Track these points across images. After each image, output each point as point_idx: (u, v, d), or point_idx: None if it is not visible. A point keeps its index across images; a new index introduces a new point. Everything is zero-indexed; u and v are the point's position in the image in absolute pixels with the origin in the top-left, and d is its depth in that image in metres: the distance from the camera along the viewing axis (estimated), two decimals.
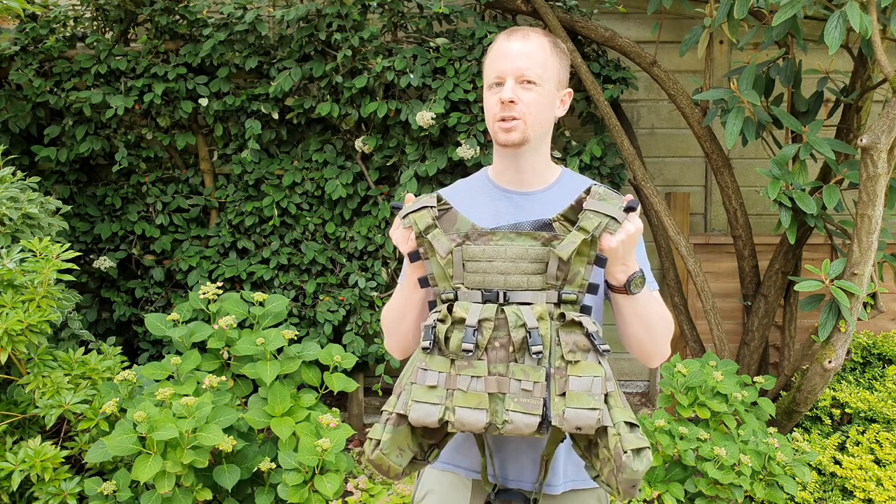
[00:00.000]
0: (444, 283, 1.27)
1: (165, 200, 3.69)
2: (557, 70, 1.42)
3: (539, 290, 1.23)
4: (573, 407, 1.13)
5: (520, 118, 1.37)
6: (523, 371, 1.17)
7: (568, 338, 1.18)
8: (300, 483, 2.29)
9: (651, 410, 3.73)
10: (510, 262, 1.24)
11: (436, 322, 1.23)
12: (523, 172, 1.46)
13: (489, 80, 1.42)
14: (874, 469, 2.83)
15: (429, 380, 1.20)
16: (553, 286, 1.22)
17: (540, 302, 1.22)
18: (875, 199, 2.52)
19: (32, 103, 3.54)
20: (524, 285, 1.23)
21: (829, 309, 2.66)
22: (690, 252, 3.18)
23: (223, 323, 2.53)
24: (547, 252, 1.23)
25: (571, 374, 1.16)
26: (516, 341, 1.18)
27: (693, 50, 2.99)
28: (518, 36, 1.41)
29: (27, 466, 2.26)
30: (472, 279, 1.25)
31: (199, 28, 3.54)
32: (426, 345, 1.21)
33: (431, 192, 3.49)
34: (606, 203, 1.22)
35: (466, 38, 3.48)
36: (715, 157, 3.17)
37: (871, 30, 2.31)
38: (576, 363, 1.17)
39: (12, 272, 2.39)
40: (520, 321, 1.19)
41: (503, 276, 1.23)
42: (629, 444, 1.12)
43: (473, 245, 1.25)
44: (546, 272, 1.23)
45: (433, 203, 1.28)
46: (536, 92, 1.38)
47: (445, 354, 1.21)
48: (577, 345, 1.18)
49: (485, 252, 1.24)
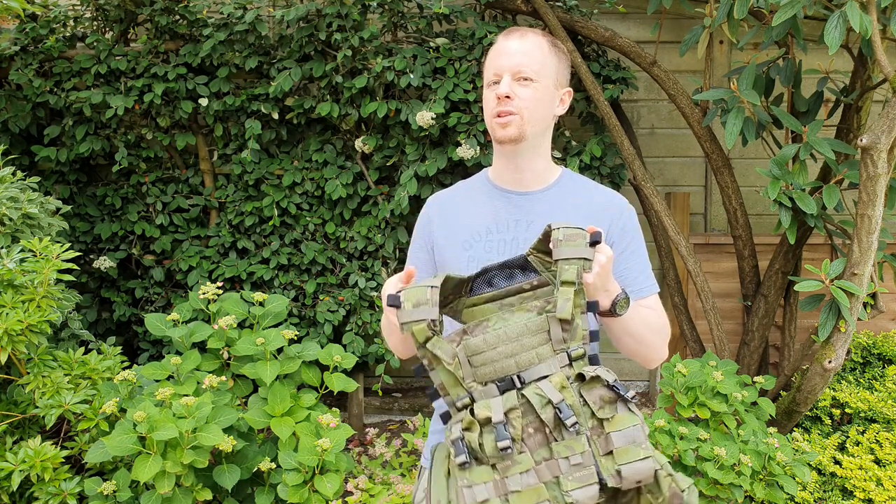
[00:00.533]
0: (457, 390, 1.19)
1: (165, 200, 3.69)
2: (556, 68, 1.43)
3: (549, 357, 1.18)
4: (625, 463, 1.11)
5: (516, 113, 1.38)
6: (567, 447, 1.13)
7: (592, 395, 1.15)
8: (300, 483, 2.29)
9: (651, 410, 3.72)
10: (514, 342, 1.19)
11: (463, 433, 1.15)
12: (522, 172, 1.46)
13: (487, 78, 1.43)
14: (874, 469, 2.83)
15: (479, 495, 1.12)
16: (562, 349, 1.19)
17: (555, 371, 1.17)
18: (875, 199, 2.52)
19: (32, 103, 3.54)
20: (535, 360, 1.18)
21: (829, 309, 2.66)
22: (690, 252, 3.18)
23: (223, 323, 2.53)
24: (545, 319, 1.19)
25: (611, 431, 1.13)
26: (548, 421, 1.13)
27: (693, 50, 2.99)
28: (516, 35, 1.42)
29: (27, 466, 2.26)
30: (483, 372, 1.18)
31: (199, 28, 3.54)
32: (462, 459, 1.13)
33: (432, 192, 3.49)
34: (573, 245, 1.19)
35: (466, 38, 3.48)
36: (715, 157, 3.17)
37: (871, 30, 2.31)
38: (611, 419, 1.14)
39: (12, 272, 2.39)
40: (544, 400, 1.14)
41: (513, 359, 1.18)
42: (683, 482, 1.12)
43: (472, 338, 1.20)
44: (550, 339, 1.19)
45: (434, 315, 1.18)
46: (533, 88, 1.38)
47: (485, 462, 1.14)
48: (604, 399, 1.14)
49: (486, 342, 1.19)
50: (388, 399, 3.93)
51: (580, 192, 1.48)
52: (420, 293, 1.20)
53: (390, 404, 3.92)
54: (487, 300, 1.29)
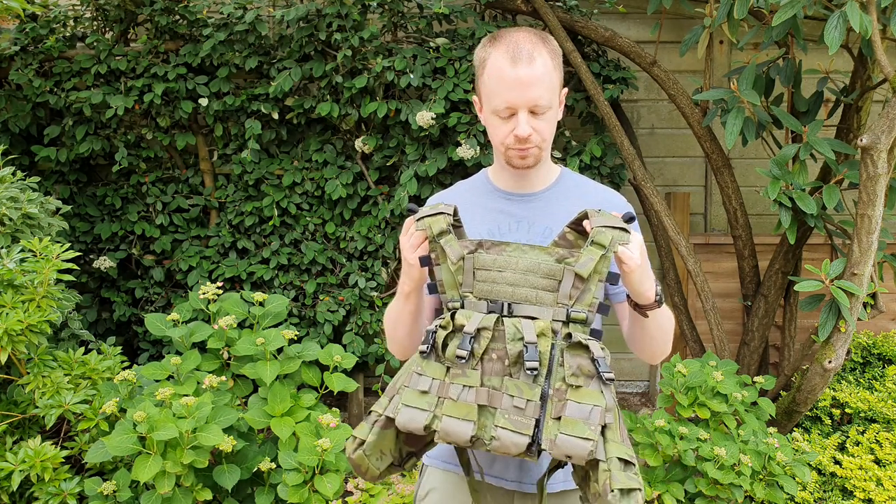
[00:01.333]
0: (453, 291, 1.23)
1: (165, 200, 3.69)
2: (559, 80, 1.40)
3: (547, 306, 1.19)
4: (567, 433, 1.08)
5: (536, 145, 1.36)
6: (517, 387, 1.13)
7: (573, 360, 1.14)
8: (300, 483, 2.29)
9: (651, 410, 3.73)
10: (520, 273, 1.20)
11: (437, 327, 1.20)
12: (524, 177, 1.46)
13: (496, 106, 1.35)
14: (874, 469, 2.83)
15: (421, 384, 1.17)
16: (563, 304, 1.18)
17: (545, 318, 1.18)
18: (875, 199, 2.52)
19: (32, 103, 3.54)
20: (532, 300, 1.19)
21: (829, 309, 2.66)
22: (690, 252, 3.18)
23: (223, 323, 2.53)
24: (561, 268, 1.19)
25: (571, 399, 1.11)
26: (512, 354, 1.14)
27: (693, 50, 2.99)
28: (524, 61, 1.32)
29: (27, 466, 2.26)
30: (481, 288, 1.21)
31: (199, 28, 3.54)
32: (424, 349, 1.19)
33: (432, 192, 3.49)
34: (609, 217, 1.21)
35: (466, 38, 3.48)
36: (715, 157, 3.17)
37: (871, 30, 2.31)
38: (577, 388, 1.12)
39: (12, 272, 2.39)
40: (518, 334, 1.15)
41: (511, 288, 1.20)
42: (618, 482, 1.07)
43: (485, 253, 1.22)
44: (558, 290, 1.19)
45: (450, 211, 1.25)
46: (549, 115, 1.36)
47: (442, 361, 1.18)
48: (581, 369, 1.13)
49: (496, 262, 1.21)
50: None
51: (580, 192, 1.48)
52: (436, 203, 1.28)
53: None
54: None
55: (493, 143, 1.41)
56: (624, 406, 3.87)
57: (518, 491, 1.42)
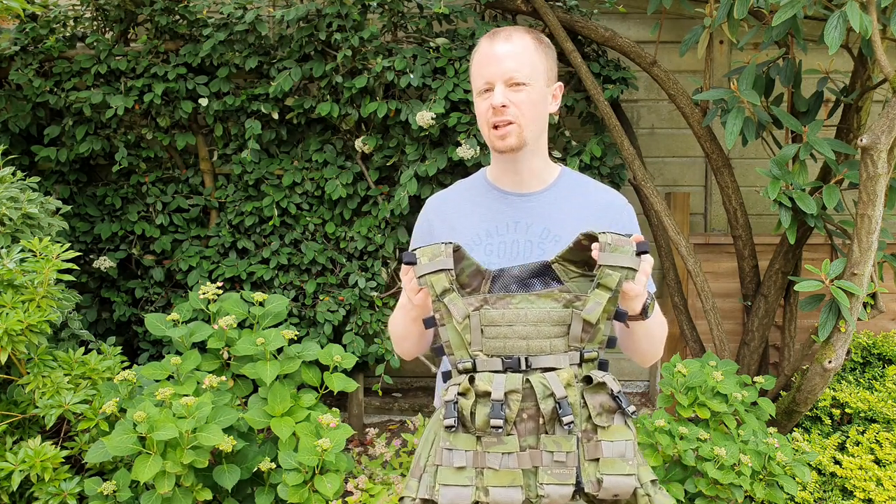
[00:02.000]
0: (462, 352, 1.19)
1: (165, 200, 3.69)
2: (545, 66, 1.40)
3: (562, 353, 1.18)
4: (609, 474, 1.10)
5: (514, 121, 1.35)
6: (555, 442, 1.13)
7: (594, 400, 1.14)
8: (300, 483, 2.29)
9: (651, 410, 3.73)
10: (531, 325, 1.18)
11: (457, 397, 1.15)
12: (521, 174, 1.45)
13: (478, 86, 1.39)
14: (874, 469, 2.83)
15: (456, 461, 1.13)
16: (576, 348, 1.18)
17: (563, 366, 1.17)
18: (875, 199, 2.52)
19: (32, 103, 3.54)
20: (547, 349, 1.18)
21: (829, 309, 2.66)
22: (690, 252, 3.18)
23: (223, 323, 2.53)
24: (570, 313, 1.18)
25: (603, 440, 1.12)
26: (546, 412, 1.13)
27: (693, 50, 2.98)
28: (501, 38, 1.37)
29: (27, 466, 2.26)
30: (492, 345, 1.18)
31: (199, 28, 3.54)
32: (450, 423, 1.14)
33: (432, 192, 3.49)
34: (618, 253, 1.17)
35: (466, 38, 3.48)
36: (715, 157, 3.17)
37: (871, 30, 2.31)
38: (606, 428, 1.13)
39: (12, 272, 2.39)
40: (548, 391, 1.13)
41: (525, 341, 1.18)
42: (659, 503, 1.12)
43: (492, 309, 1.19)
44: (568, 334, 1.18)
45: (450, 264, 1.20)
46: (527, 92, 1.36)
47: (471, 432, 1.15)
48: (604, 406, 1.14)
49: (504, 316, 1.19)
50: (388, 399, 3.93)
51: (579, 192, 1.47)
52: (435, 249, 1.23)
53: (390, 404, 3.92)
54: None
55: (481, 131, 1.42)
56: None
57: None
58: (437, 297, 1.21)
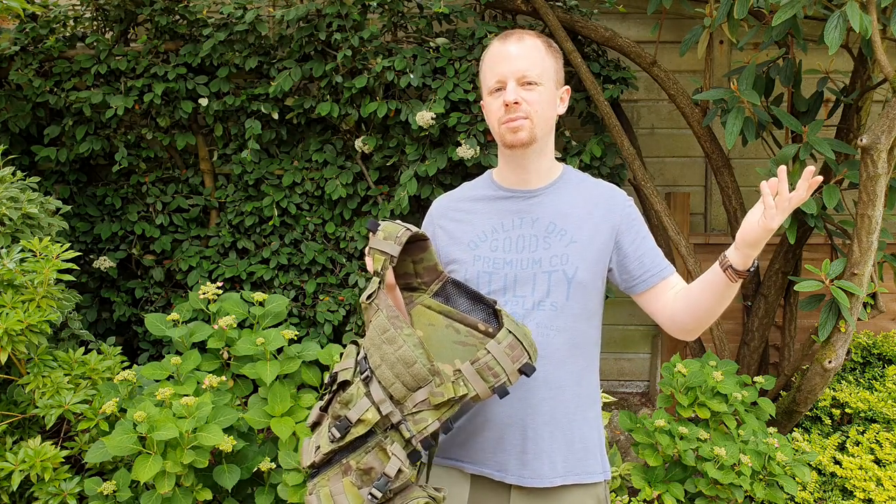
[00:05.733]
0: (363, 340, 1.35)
1: (165, 200, 3.69)
2: (554, 69, 1.44)
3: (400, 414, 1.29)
4: None
5: (527, 117, 1.38)
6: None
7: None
8: (300, 483, 2.29)
9: (651, 410, 3.72)
10: (406, 369, 1.27)
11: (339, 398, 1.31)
12: (529, 173, 1.48)
13: (489, 84, 1.43)
14: (874, 469, 2.83)
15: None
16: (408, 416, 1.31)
17: (394, 427, 1.29)
18: (875, 199, 2.52)
19: (32, 103, 3.54)
20: (402, 395, 1.29)
21: (829, 309, 2.66)
22: (690, 252, 3.18)
23: (223, 323, 2.52)
24: (430, 388, 1.27)
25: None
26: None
27: (693, 50, 2.98)
28: (513, 39, 1.42)
29: (27, 466, 2.26)
30: (384, 352, 1.30)
31: (199, 28, 3.54)
32: (335, 434, 1.28)
33: (432, 192, 3.49)
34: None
35: (466, 38, 3.48)
36: (715, 157, 3.17)
37: (871, 30, 2.31)
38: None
39: (12, 272, 2.39)
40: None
41: (393, 375, 1.28)
42: None
43: (407, 331, 1.29)
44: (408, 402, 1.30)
45: (393, 253, 1.29)
46: (538, 91, 1.40)
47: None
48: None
49: (404, 348, 1.30)
50: None
51: (581, 187, 1.51)
52: (394, 229, 1.31)
53: None
54: (441, 311, 1.38)
55: (491, 129, 1.46)
56: (624, 406, 3.88)
57: (518, 485, 1.43)
58: (376, 272, 1.30)
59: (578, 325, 1.43)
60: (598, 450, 1.48)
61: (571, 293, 1.41)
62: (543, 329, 1.41)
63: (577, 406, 1.44)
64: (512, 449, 1.41)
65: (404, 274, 1.41)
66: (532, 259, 1.43)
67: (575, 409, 1.43)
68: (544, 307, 1.41)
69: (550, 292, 1.41)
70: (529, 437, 1.41)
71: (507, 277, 1.43)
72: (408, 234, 1.31)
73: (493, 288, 1.43)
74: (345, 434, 1.23)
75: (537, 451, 1.41)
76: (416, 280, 1.40)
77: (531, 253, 1.43)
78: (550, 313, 1.41)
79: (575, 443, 1.44)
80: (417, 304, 1.39)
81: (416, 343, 1.25)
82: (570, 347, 1.43)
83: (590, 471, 1.45)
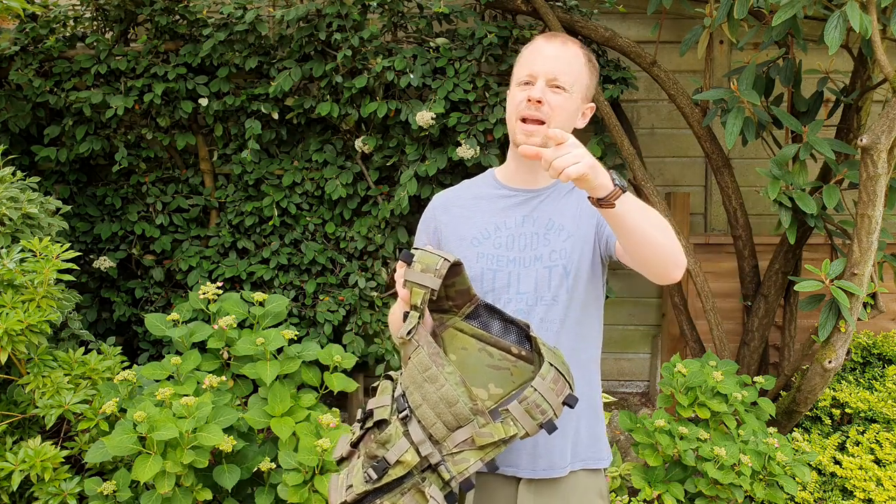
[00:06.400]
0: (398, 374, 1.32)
1: (165, 200, 3.69)
2: (587, 83, 1.45)
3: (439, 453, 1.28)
4: None
5: (545, 120, 1.38)
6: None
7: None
8: (300, 483, 2.29)
9: (651, 410, 3.72)
10: (448, 408, 1.26)
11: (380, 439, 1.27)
12: (536, 174, 1.49)
13: (520, 76, 1.43)
14: (874, 469, 2.83)
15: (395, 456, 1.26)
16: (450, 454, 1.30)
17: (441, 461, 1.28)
18: (875, 199, 2.52)
19: (32, 103, 3.54)
20: (443, 435, 1.28)
21: (829, 309, 2.66)
22: (690, 252, 3.18)
23: (223, 323, 2.52)
24: (474, 425, 1.25)
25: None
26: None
27: (693, 50, 2.98)
28: (557, 41, 1.42)
29: (27, 466, 2.26)
30: (426, 390, 1.29)
31: (199, 28, 3.54)
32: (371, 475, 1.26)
33: (432, 192, 3.49)
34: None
35: (466, 38, 3.48)
36: (715, 157, 3.17)
37: (871, 30, 2.31)
38: None
39: (12, 272, 2.39)
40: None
41: (434, 414, 1.26)
42: None
43: (444, 366, 1.26)
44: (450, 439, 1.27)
45: (434, 286, 1.25)
46: (564, 97, 1.39)
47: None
48: None
49: (444, 387, 1.27)
50: None
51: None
52: (432, 260, 1.26)
53: None
54: (474, 335, 1.35)
55: (507, 121, 1.45)
56: (624, 406, 3.88)
57: (529, 478, 1.44)
58: (414, 306, 1.26)
59: (581, 317, 1.45)
60: (604, 436, 1.53)
61: (572, 286, 1.43)
62: (547, 324, 1.42)
63: (584, 396, 1.45)
64: (523, 448, 1.43)
65: (414, 307, 1.36)
66: (534, 256, 1.44)
67: (583, 399, 1.44)
68: (546, 302, 1.42)
69: (552, 287, 1.42)
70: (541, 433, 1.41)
71: (511, 275, 1.44)
72: (447, 265, 1.26)
73: (496, 285, 1.44)
74: (382, 475, 1.20)
75: (549, 446, 1.43)
76: (447, 303, 1.37)
77: (533, 250, 1.44)
78: (553, 308, 1.42)
79: (581, 430, 1.47)
80: (449, 326, 1.37)
81: (458, 381, 1.22)
82: (575, 340, 1.44)
83: (597, 457, 1.50)
